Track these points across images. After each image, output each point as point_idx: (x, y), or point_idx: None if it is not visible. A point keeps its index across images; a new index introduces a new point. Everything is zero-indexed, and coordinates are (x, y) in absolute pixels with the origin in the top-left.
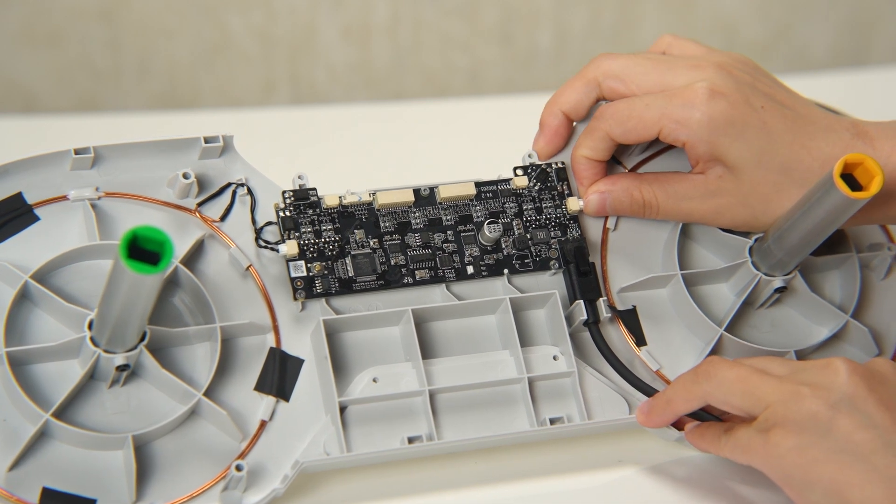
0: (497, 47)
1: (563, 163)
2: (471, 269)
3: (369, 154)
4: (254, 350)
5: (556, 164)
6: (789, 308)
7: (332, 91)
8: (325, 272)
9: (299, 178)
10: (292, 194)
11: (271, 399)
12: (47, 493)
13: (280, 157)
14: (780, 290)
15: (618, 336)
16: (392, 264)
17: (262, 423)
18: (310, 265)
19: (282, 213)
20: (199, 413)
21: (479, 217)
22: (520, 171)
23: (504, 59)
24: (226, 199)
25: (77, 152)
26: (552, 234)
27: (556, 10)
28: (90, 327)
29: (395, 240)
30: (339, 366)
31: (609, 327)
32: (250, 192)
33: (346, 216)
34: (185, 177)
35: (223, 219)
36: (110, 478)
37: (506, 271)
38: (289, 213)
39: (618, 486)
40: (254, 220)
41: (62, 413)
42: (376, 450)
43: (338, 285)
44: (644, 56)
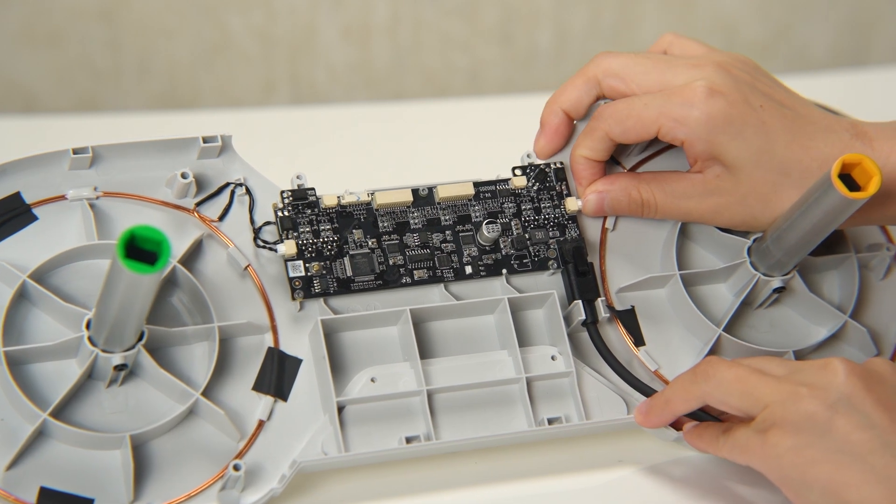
0: (497, 47)
1: (561, 163)
2: (469, 269)
3: (369, 154)
4: (252, 350)
5: (555, 164)
6: (788, 308)
7: (332, 91)
8: (324, 272)
9: (297, 177)
10: (291, 194)
11: (269, 399)
12: (45, 493)
13: (280, 157)
14: (779, 291)
15: (616, 336)
16: (390, 264)
17: (260, 423)
18: (308, 265)
19: (280, 213)
20: (197, 413)
21: (477, 217)
22: (518, 171)
23: (504, 59)
24: (224, 198)
25: (75, 152)
26: (551, 234)
27: (556, 10)
28: (88, 327)
29: (393, 240)
30: (337, 366)
31: (607, 327)
32: (249, 191)
33: (345, 216)
34: (183, 176)
35: (221, 218)
36: (108, 477)
37: (504, 271)
38: (287, 213)
39: (616, 486)
40: (252, 220)
41: (60, 412)
42: (374, 450)
43: (336, 285)
44: (644, 55)
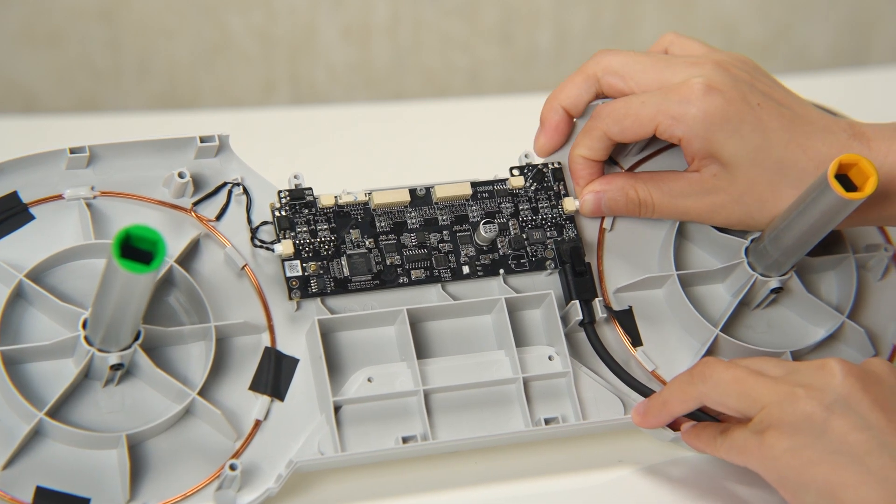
0: (497, 47)
1: (559, 163)
2: (466, 269)
3: (369, 154)
4: (249, 349)
5: (553, 164)
6: (785, 308)
7: (332, 91)
8: (321, 272)
9: (295, 177)
10: (288, 194)
11: (266, 398)
12: (41, 493)
13: (280, 157)
14: (777, 291)
15: (614, 336)
16: (388, 264)
17: (257, 423)
18: (305, 265)
19: (277, 213)
20: (194, 412)
21: (475, 217)
22: (516, 171)
23: (504, 59)
24: (221, 198)
25: (73, 151)
26: (548, 234)
27: (556, 10)
28: (84, 326)
29: (390, 240)
30: (334, 365)
31: (605, 328)
32: (246, 191)
33: (342, 216)
34: (180, 176)
35: (219, 218)
36: (104, 477)
37: (501, 271)
38: (284, 213)
39: (613, 486)
40: (249, 220)
41: (56, 412)
42: (371, 449)
43: (333, 285)
44: (644, 53)
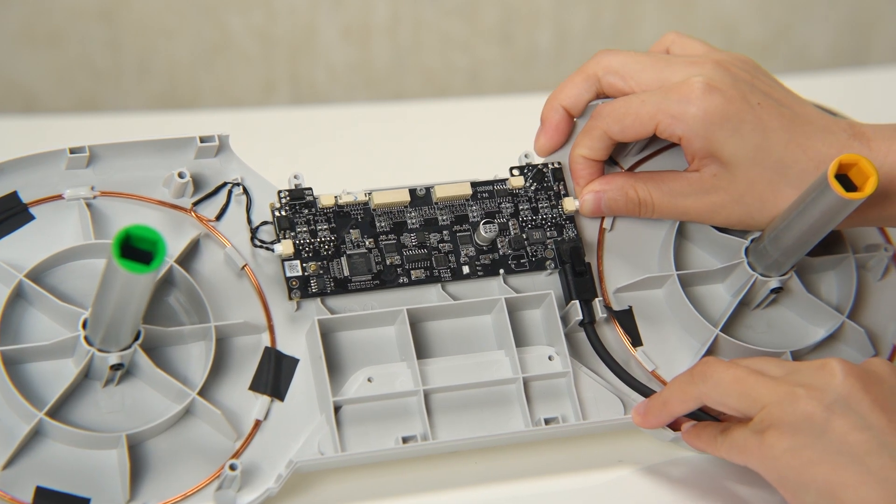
0: (497, 47)
1: (559, 163)
2: (466, 269)
3: (369, 154)
4: (249, 349)
5: (553, 164)
6: (785, 309)
7: (332, 91)
8: (321, 272)
9: (295, 177)
10: (288, 194)
11: (266, 398)
12: (41, 493)
13: (280, 157)
14: (777, 291)
15: (613, 336)
16: (388, 264)
17: (257, 423)
18: (305, 265)
19: (277, 213)
20: (194, 412)
21: (475, 217)
22: (516, 171)
23: (504, 59)
24: (221, 198)
25: (72, 151)
26: (548, 234)
27: (556, 10)
28: (84, 326)
29: (390, 240)
30: (334, 365)
31: (605, 328)
32: (246, 191)
33: (342, 216)
34: (180, 176)
35: (219, 218)
36: (104, 477)
37: (501, 271)
38: (284, 213)
39: (613, 486)
40: (249, 220)
41: (56, 412)
42: (371, 449)
43: (333, 285)
44: (644, 53)
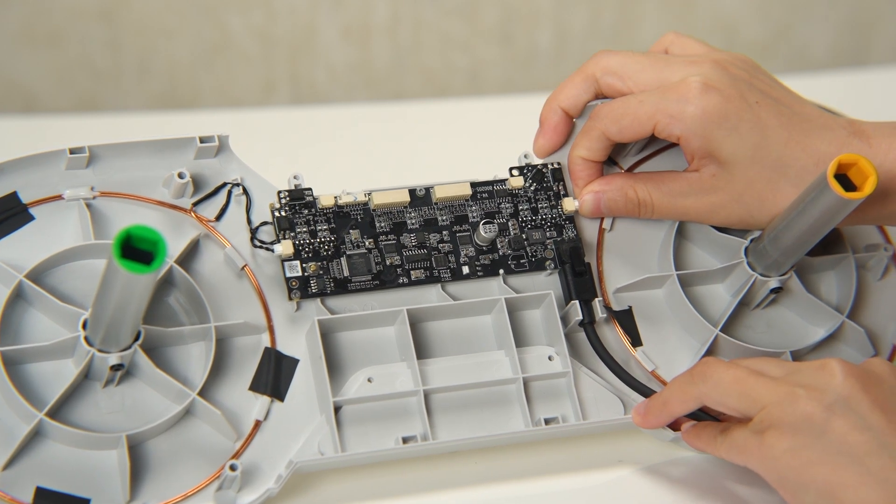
0: (497, 47)
1: (558, 163)
2: (466, 270)
3: (369, 154)
4: (248, 350)
5: (552, 164)
6: (785, 308)
7: (332, 91)
8: (321, 272)
9: (295, 177)
10: (288, 194)
11: (266, 399)
12: (41, 493)
13: (280, 157)
14: (776, 291)
15: (613, 336)
16: (387, 264)
17: (257, 423)
18: (305, 265)
19: (277, 213)
20: (194, 413)
21: (474, 217)
22: (515, 172)
23: (504, 59)
24: (221, 198)
25: (72, 152)
26: (548, 234)
27: (556, 10)
28: (84, 327)
29: (390, 240)
30: (334, 366)
31: (605, 328)
32: (246, 191)
33: (342, 216)
34: (180, 176)
35: (218, 218)
36: (104, 477)
37: (501, 271)
38: (284, 213)
39: (613, 486)
40: (249, 220)
41: (56, 412)
42: (371, 450)
43: (333, 285)
44: (642, 53)
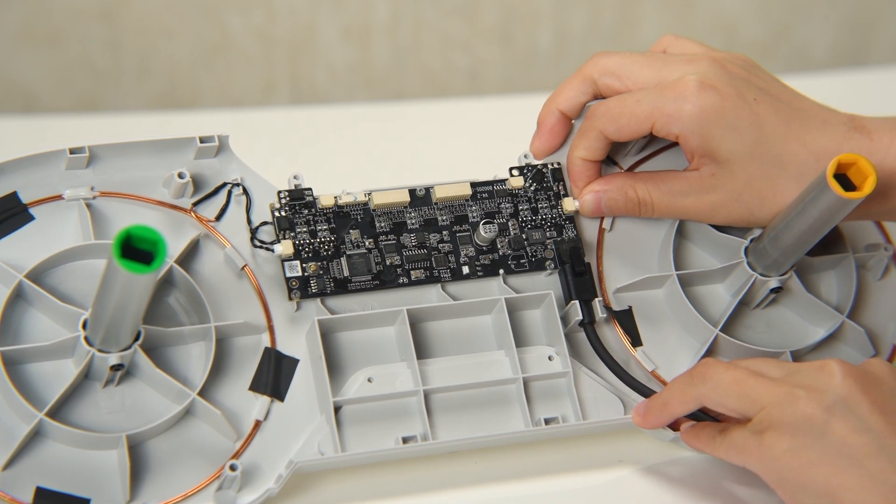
0: (497, 47)
1: (558, 163)
2: (466, 270)
3: (369, 154)
4: (248, 350)
5: (552, 164)
6: (785, 308)
7: (332, 91)
8: (321, 272)
9: (295, 178)
10: (288, 194)
11: (266, 399)
12: (41, 493)
13: (280, 157)
14: (776, 291)
15: (613, 336)
16: (387, 264)
17: (257, 423)
18: (305, 265)
19: (277, 213)
20: (194, 413)
21: (474, 217)
22: (515, 172)
23: (504, 59)
24: (221, 198)
25: (72, 152)
26: (548, 234)
27: (556, 10)
28: (84, 327)
29: (390, 240)
30: (334, 366)
31: (605, 328)
32: (246, 191)
33: (342, 216)
34: (180, 176)
35: (218, 218)
36: (104, 477)
37: (501, 271)
38: (284, 213)
39: (613, 486)
40: (249, 220)
41: (56, 412)
42: (371, 450)
43: (333, 285)
44: (640, 53)
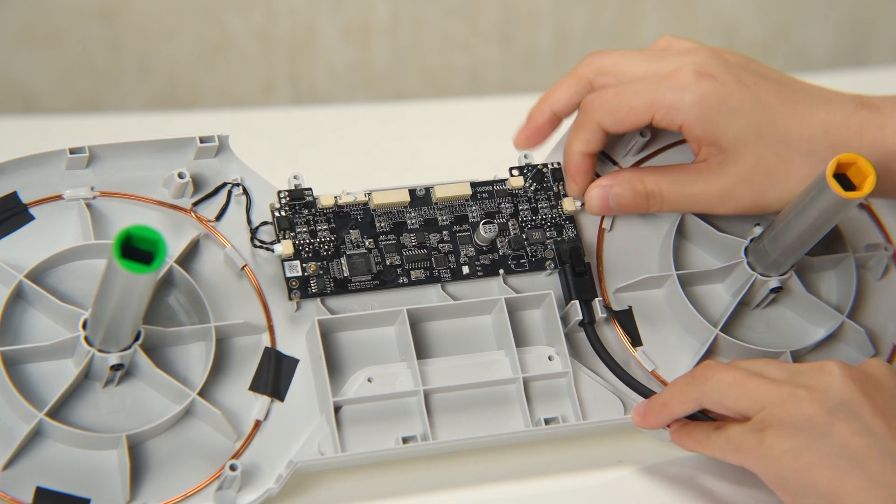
0: (497, 47)
1: (558, 163)
2: (466, 270)
3: (369, 154)
4: (249, 350)
5: (553, 164)
6: (785, 308)
7: (332, 91)
8: (321, 272)
9: (294, 178)
10: (288, 194)
11: (266, 399)
12: (41, 493)
13: (280, 157)
14: (776, 291)
15: (613, 336)
16: (387, 264)
17: (257, 423)
18: (305, 265)
19: (277, 213)
20: (194, 413)
21: (474, 217)
22: (515, 172)
23: (504, 59)
24: (221, 198)
25: (72, 152)
26: (548, 234)
27: (556, 10)
28: (84, 327)
29: (390, 240)
30: (334, 366)
31: (605, 328)
32: (246, 191)
33: (342, 216)
34: (180, 176)
35: (218, 218)
36: (104, 477)
37: (501, 271)
38: (284, 213)
39: (613, 486)
40: (249, 220)
41: (56, 412)
42: (371, 450)
43: (333, 285)
44: (635, 50)
